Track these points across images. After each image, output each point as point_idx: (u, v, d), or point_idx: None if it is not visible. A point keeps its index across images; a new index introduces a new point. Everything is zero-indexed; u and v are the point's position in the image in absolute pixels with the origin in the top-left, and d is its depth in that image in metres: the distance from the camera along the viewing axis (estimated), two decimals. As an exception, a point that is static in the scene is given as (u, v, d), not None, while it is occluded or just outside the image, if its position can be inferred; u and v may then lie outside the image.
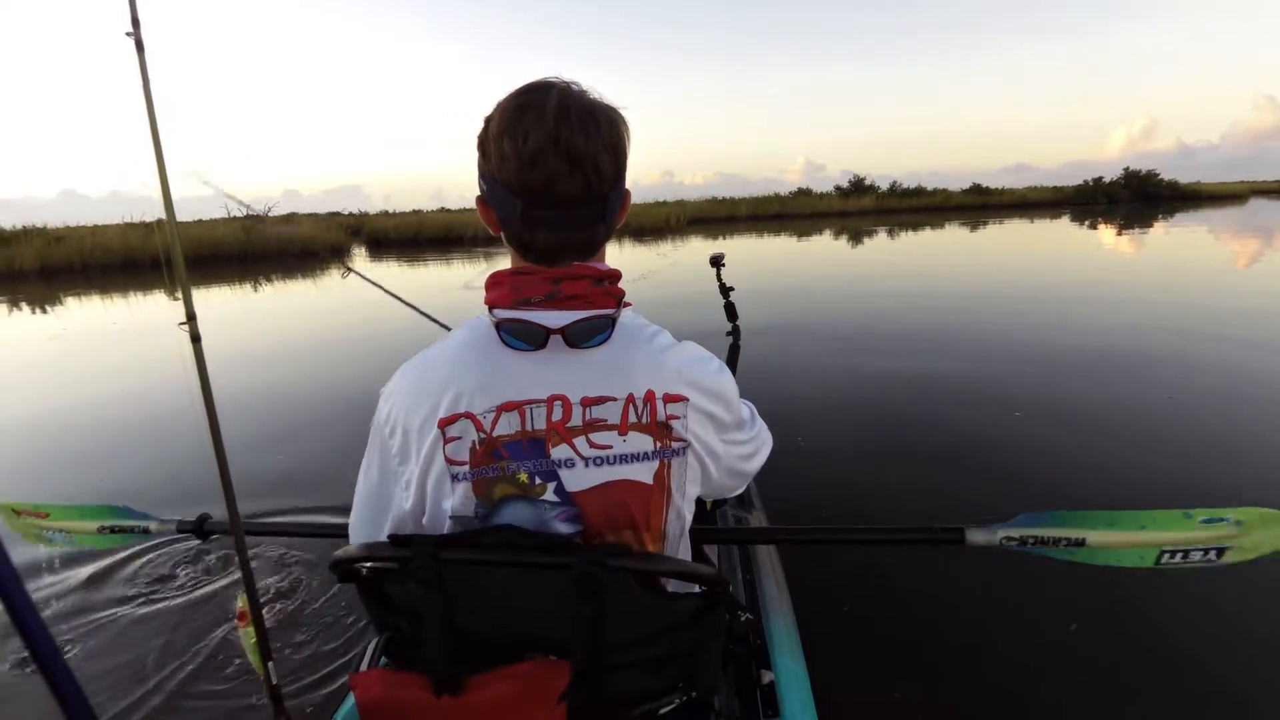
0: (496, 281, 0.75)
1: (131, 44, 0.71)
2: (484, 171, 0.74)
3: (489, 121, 0.72)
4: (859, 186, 41.33)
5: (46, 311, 9.84)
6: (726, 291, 2.01)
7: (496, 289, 0.74)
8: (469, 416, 0.70)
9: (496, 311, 0.73)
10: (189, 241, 16.77)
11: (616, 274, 0.77)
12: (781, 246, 17.15)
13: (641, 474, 0.73)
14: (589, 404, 0.71)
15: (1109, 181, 40.20)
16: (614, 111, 0.73)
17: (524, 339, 0.71)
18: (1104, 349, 4.96)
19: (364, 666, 0.79)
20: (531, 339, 0.71)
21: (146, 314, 9.17)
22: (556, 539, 0.71)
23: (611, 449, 0.72)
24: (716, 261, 1.97)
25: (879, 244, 16.59)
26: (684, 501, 0.78)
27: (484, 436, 0.71)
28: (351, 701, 1.03)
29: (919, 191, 40.58)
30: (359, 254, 19.54)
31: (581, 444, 0.71)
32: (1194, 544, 1.01)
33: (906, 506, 2.65)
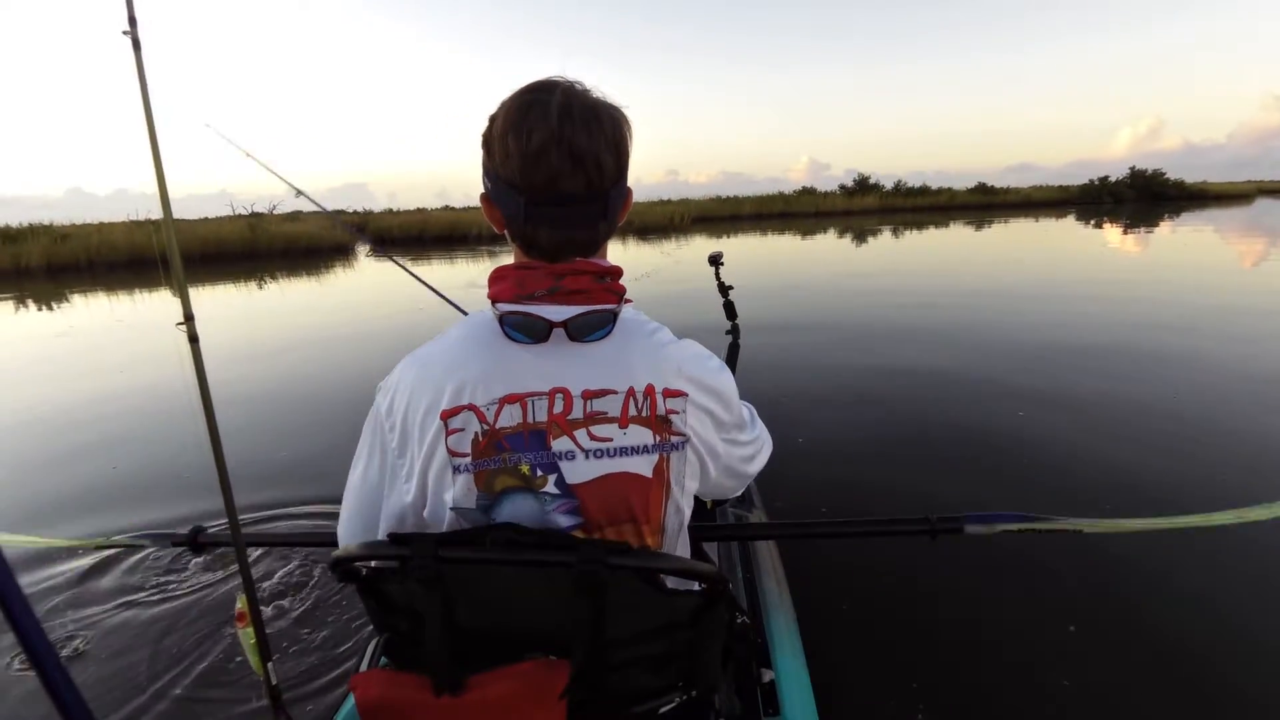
0: (500, 276, 0.76)
1: (128, 43, 0.71)
2: (488, 169, 0.75)
3: (493, 120, 0.73)
4: (863, 185, 41.17)
5: (53, 309, 9.88)
6: (725, 290, 2.01)
7: (500, 283, 0.75)
8: (472, 408, 0.71)
9: (500, 305, 0.74)
10: (195, 239, 16.79)
11: (618, 271, 0.77)
12: (784, 245, 17.13)
13: (641, 467, 0.73)
14: (590, 397, 0.72)
15: (1115, 181, 39.92)
16: (617, 110, 0.74)
17: (527, 332, 0.71)
18: (1108, 347, 4.94)
19: (364, 667, 0.79)
20: (534, 332, 0.71)
21: (152, 311, 9.20)
22: (557, 536, 0.71)
23: (611, 441, 0.72)
24: (715, 260, 1.97)
25: (882, 243, 16.55)
26: (683, 496, 0.78)
27: (486, 428, 0.71)
28: (351, 702, 1.02)
29: (923, 190, 40.41)
30: (363, 252, 19.56)
31: (582, 436, 0.72)
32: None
33: (908, 506, 2.64)
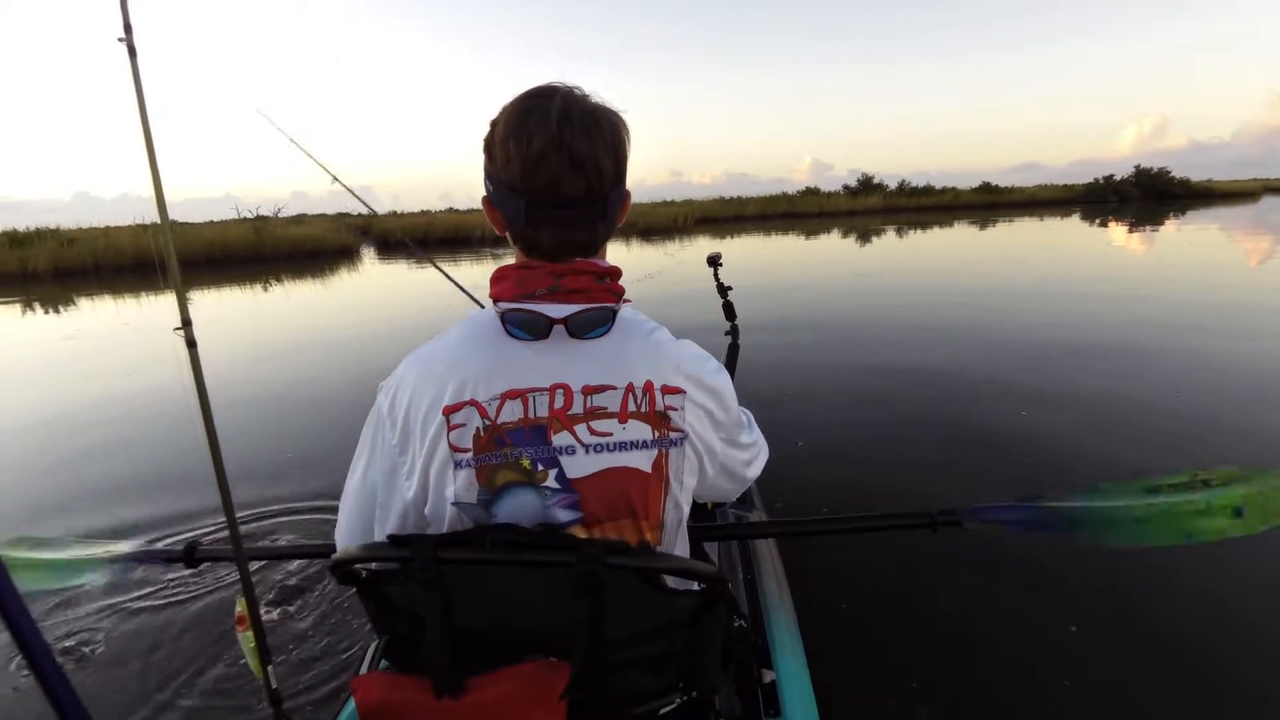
0: (502, 276, 0.77)
1: (124, 49, 0.72)
2: (490, 173, 0.76)
3: (495, 125, 0.74)
4: (867, 185, 41.12)
5: (60, 312, 9.94)
6: (724, 291, 2.01)
7: (502, 283, 0.76)
8: (474, 404, 0.71)
9: (501, 304, 0.75)
10: (201, 243, 16.83)
11: (617, 271, 0.78)
12: (787, 246, 17.11)
13: (640, 462, 0.74)
14: (590, 392, 0.72)
15: (1120, 180, 39.77)
16: (615, 115, 0.75)
17: (528, 329, 0.73)
18: (1111, 345, 4.92)
19: (364, 669, 0.80)
20: (535, 329, 0.73)
21: (158, 314, 9.23)
22: (556, 537, 0.72)
23: (611, 436, 0.73)
24: (714, 261, 1.97)
25: (885, 243, 16.52)
26: (682, 492, 0.79)
27: (488, 423, 0.72)
28: (352, 705, 1.02)
29: (927, 190, 40.35)
30: (368, 254, 19.62)
31: (582, 431, 0.72)
32: (1210, 508, 0.96)
33: (910, 506, 2.63)
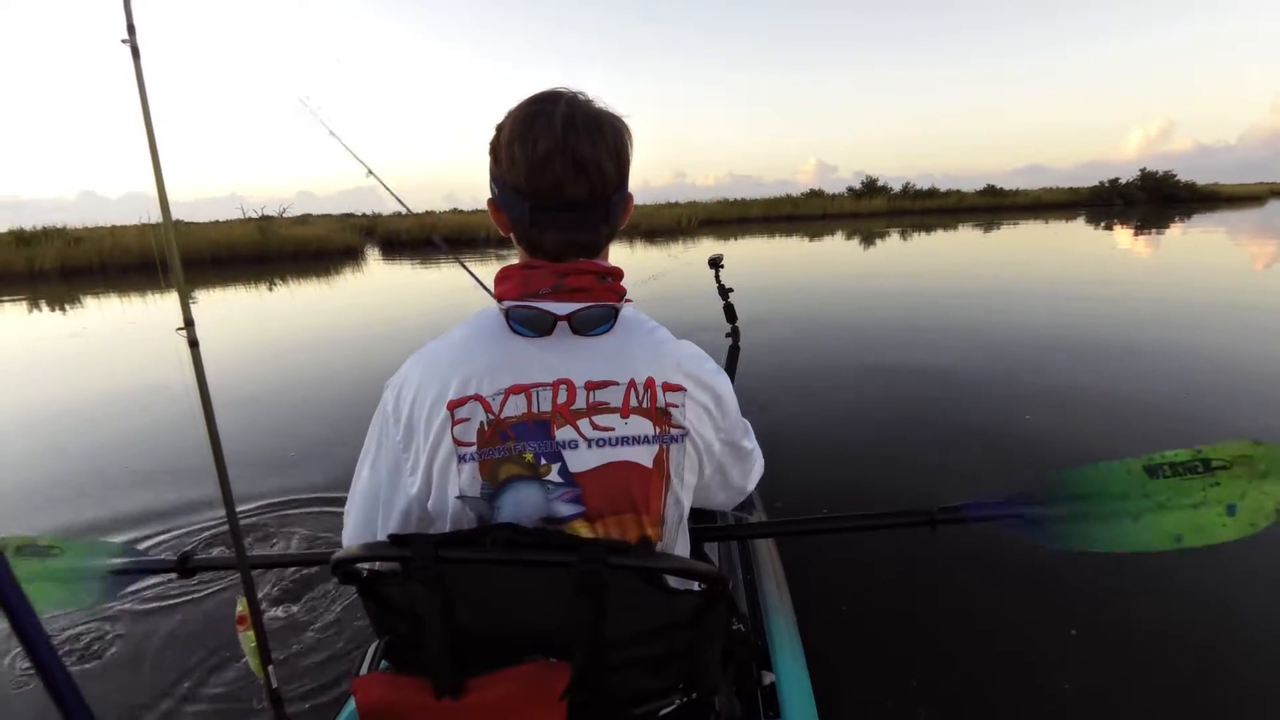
0: (506, 275, 0.78)
1: (128, 50, 0.72)
2: (495, 175, 0.77)
3: (501, 129, 0.75)
4: (871, 188, 41.08)
5: (66, 311, 9.99)
6: (725, 293, 2.01)
7: (506, 282, 0.78)
8: (478, 399, 0.72)
9: (505, 302, 0.76)
10: (206, 243, 16.88)
11: (619, 272, 0.80)
12: (790, 248, 17.10)
13: (642, 457, 0.75)
14: (592, 388, 0.74)
15: (1125, 183, 39.67)
16: (618, 120, 0.77)
17: (532, 326, 0.74)
18: (1117, 347, 4.91)
19: (364, 670, 0.80)
20: (539, 326, 0.74)
21: (164, 313, 9.27)
22: (557, 536, 0.72)
23: (613, 431, 0.74)
24: (715, 263, 1.97)
25: (889, 246, 16.49)
26: (683, 489, 0.79)
27: (492, 418, 0.72)
28: (352, 705, 1.02)
29: (932, 193, 40.29)
30: (373, 255, 19.66)
31: (585, 426, 0.73)
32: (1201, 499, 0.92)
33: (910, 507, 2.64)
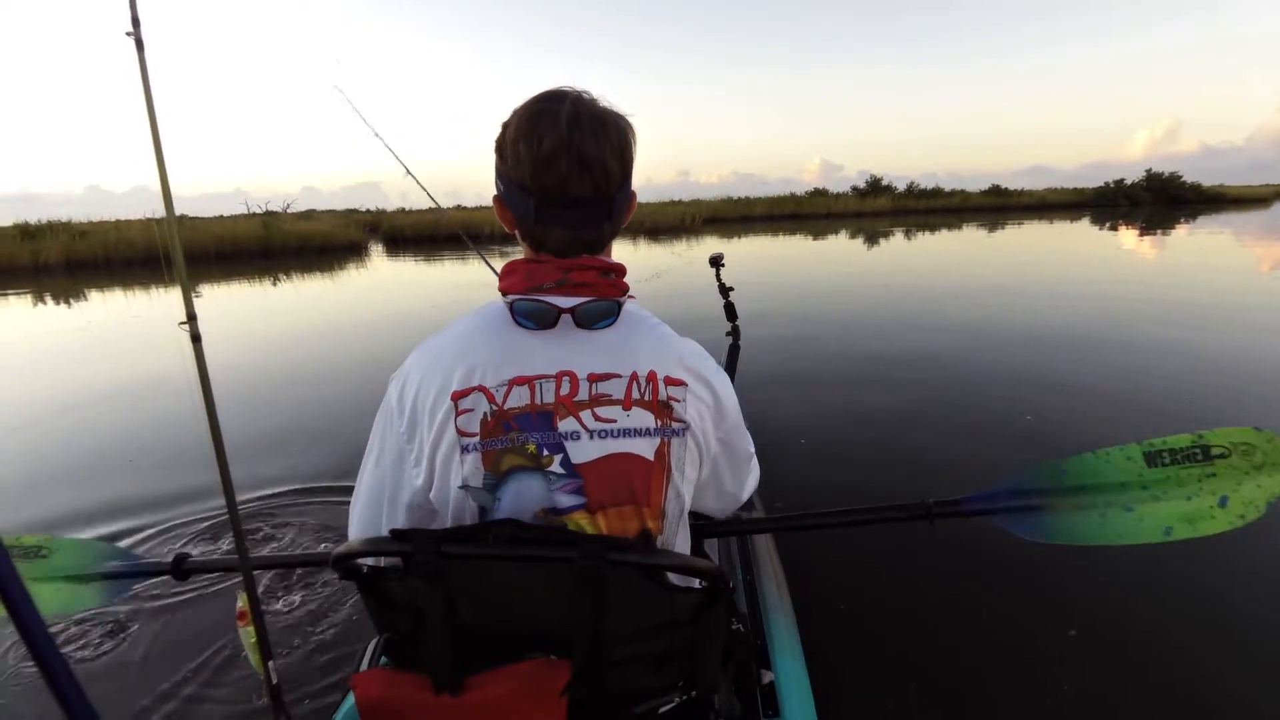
0: (511, 270, 0.79)
1: (132, 43, 0.72)
2: (501, 173, 0.78)
3: (506, 127, 0.76)
4: (875, 187, 40.92)
5: (71, 305, 10.03)
6: (726, 291, 2.01)
7: (511, 276, 0.79)
8: (482, 390, 0.73)
9: (510, 296, 0.77)
10: (211, 238, 16.91)
11: (622, 269, 0.81)
12: (793, 247, 17.07)
13: (643, 449, 0.75)
14: (595, 380, 0.74)
15: (1130, 184, 39.46)
16: (622, 119, 0.77)
17: (536, 319, 0.75)
18: (1122, 347, 4.89)
19: (364, 666, 0.80)
20: (543, 319, 0.75)
21: (168, 307, 9.31)
22: (559, 532, 0.72)
23: (615, 423, 0.74)
24: (716, 262, 1.98)
25: (893, 245, 16.45)
26: (683, 483, 0.80)
27: (495, 409, 0.73)
28: (351, 701, 1.03)
29: (936, 192, 40.11)
30: (377, 251, 19.69)
31: (587, 417, 0.74)
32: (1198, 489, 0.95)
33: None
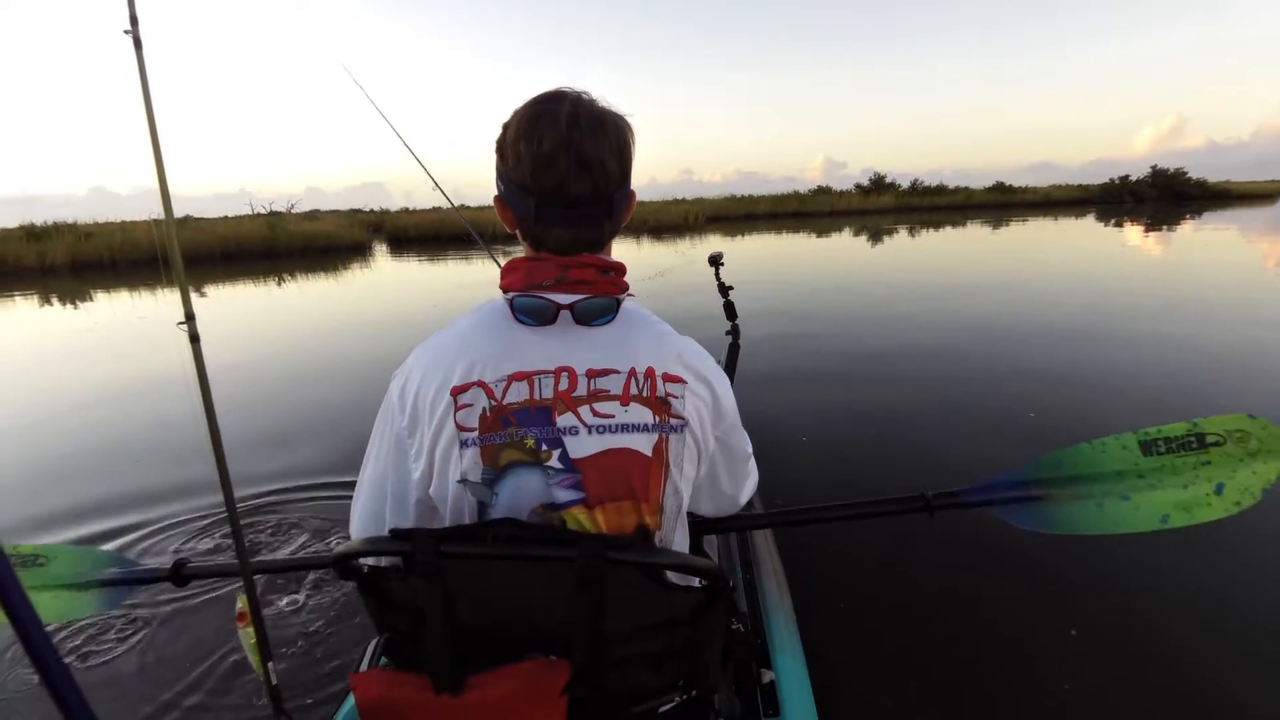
0: (512, 268, 0.80)
1: (129, 42, 0.72)
2: (501, 173, 0.79)
3: (507, 127, 0.77)
4: (879, 184, 40.83)
5: (77, 306, 10.08)
6: (725, 291, 2.01)
7: (512, 274, 0.79)
8: (481, 385, 0.74)
9: (510, 293, 0.78)
10: (216, 238, 16.98)
11: (621, 267, 0.81)
12: (796, 245, 17.05)
13: (641, 444, 0.76)
14: (593, 375, 0.75)
15: (1135, 180, 39.28)
16: (621, 119, 0.78)
17: (535, 315, 0.76)
18: (1127, 347, 4.86)
19: (364, 666, 0.80)
20: (542, 315, 0.76)
21: (172, 308, 9.32)
22: (558, 532, 0.73)
23: (613, 418, 0.75)
24: (715, 261, 1.98)
25: (897, 243, 16.42)
26: (682, 479, 0.80)
27: (494, 404, 0.74)
28: (352, 702, 1.03)
29: (940, 190, 39.96)
30: (381, 251, 19.73)
31: (585, 412, 0.74)
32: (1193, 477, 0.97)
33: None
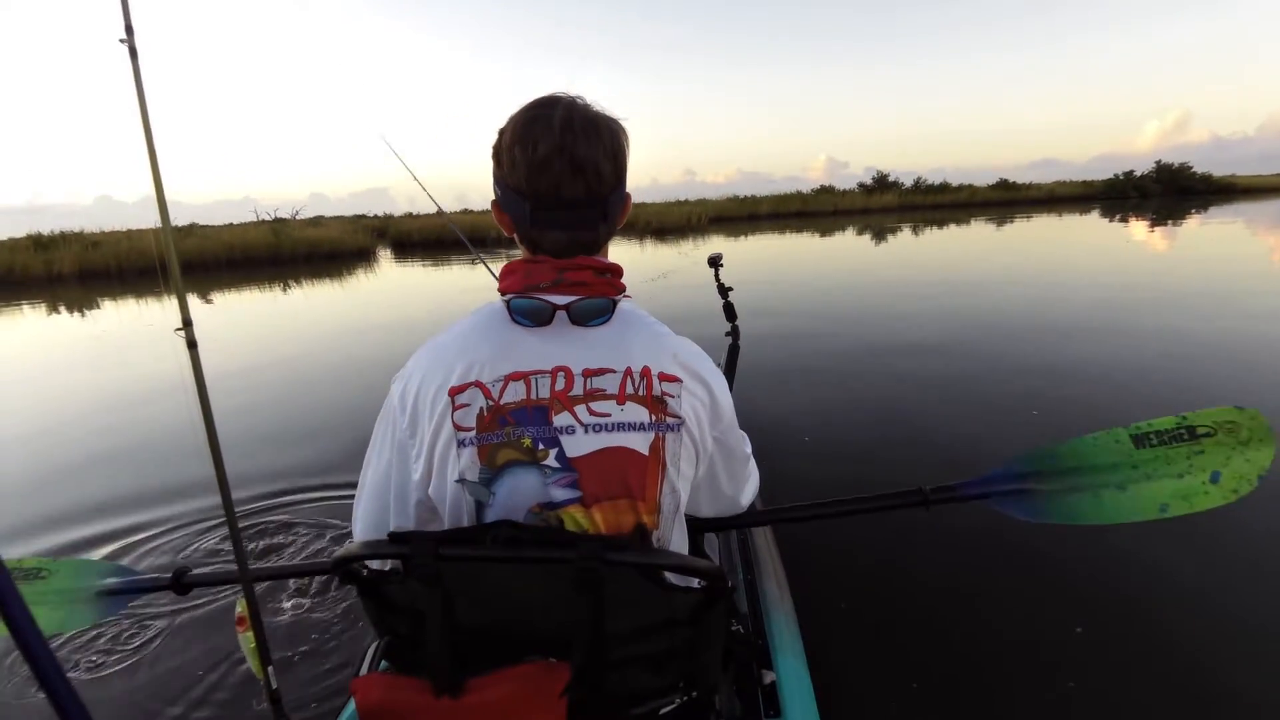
0: (510, 271, 0.81)
1: (125, 50, 0.73)
2: (498, 178, 0.80)
3: (502, 133, 0.78)
4: (882, 183, 40.73)
5: (85, 314, 10.14)
6: (725, 291, 2.01)
7: (510, 277, 0.81)
8: (478, 385, 0.74)
9: (508, 295, 0.79)
10: (221, 246, 17.04)
11: (618, 269, 0.82)
12: (799, 245, 17.01)
13: (638, 443, 0.76)
14: (590, 375, 0.75)
15: (1140, 175, 39.12)
16: (615, 123, 0.79)
17: (532, 316, 0.77)
18: (1131, 346, 4.83)
19: (364, 670, 0.81)
20: (538, 316, 0.77)
21: (178, 315, 9.38)
22: (557, 534, 0.73)
23: (610, 417, 0.75)
24: (715, 262, 1.98)
25: (900, 242, 16.36)
26: (679, 479, 0.80)
27: (491, 404, 0.74)
28: (352, 706, 1.03)
29: (944, 188, 39.84)
30: (385, 256, 19.78)
31: (582, 411, 0.75)
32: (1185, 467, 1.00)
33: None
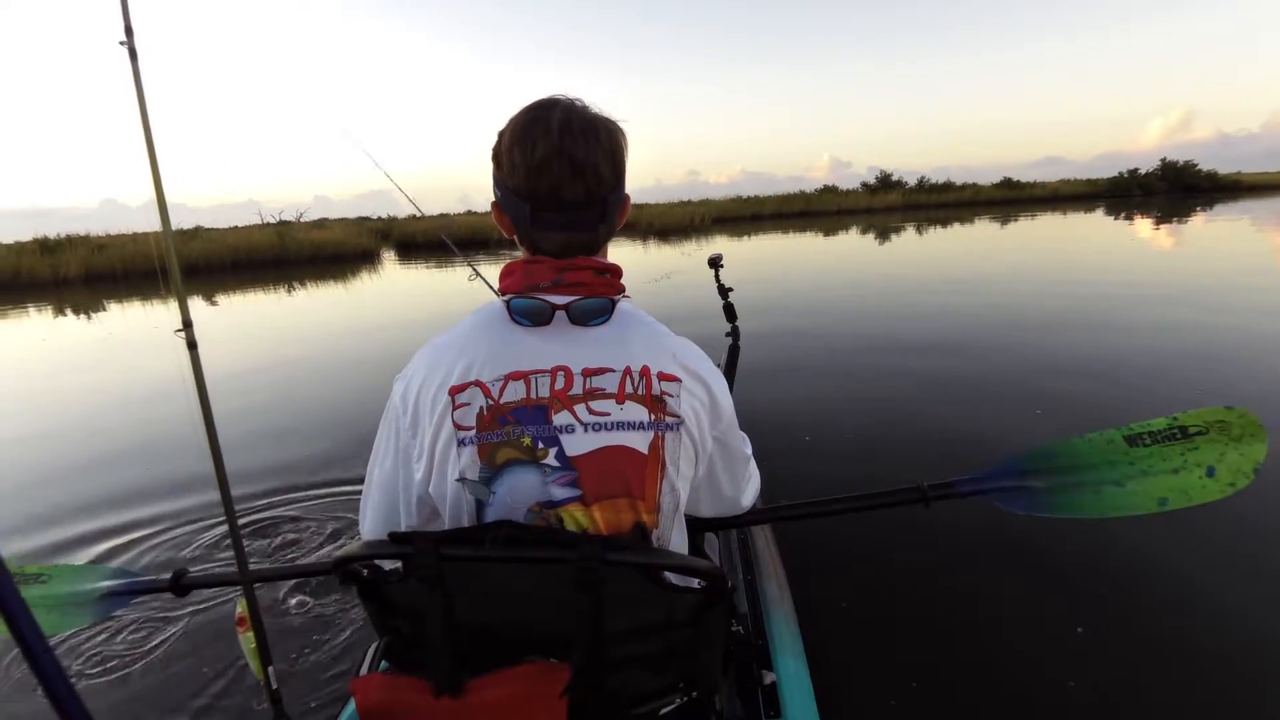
0: (509, 271, 0.82)
1: (125, 52, 0.73)
2: (498, 180, 0.81)
3: (501, 135, 0.79)
4: (886, 182, 40.61)
5: (91, 317, 10.19)
6: (725, 292, 2.01)
7: (510, 277, 0.81)
8: (478, 384, 0.75)
9: (508, 295, 0.79)
10: (226, 248, 17.08)
11: (617, 269, 0.83)
12: (803, 244, 16.98)
13: (637, 442, 0.76)
14: (589, 374, 0.76)
15: (1145, 173, 38.95)
16: (613, 124, 0.80)
17: (531, 316, 0.77)
18: (1134, 347, 4.81)
19: (364, 670, 0.81)
20: (538, 315, 0.77)
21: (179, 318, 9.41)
22: (557, 534, 0.73)
23: (609, 416, 0.75)
24: (715, 262, 1.98)
25: (903, 241, 16.32)
26: (679, 478, 0.80)
27: (491, 403, 0.75)
28: (352, 706, 1.03)
29: (947, 186, 39.72)
30: (389, 258, 19.82)
31: (581, 411, 0.75)
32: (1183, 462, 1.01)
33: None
